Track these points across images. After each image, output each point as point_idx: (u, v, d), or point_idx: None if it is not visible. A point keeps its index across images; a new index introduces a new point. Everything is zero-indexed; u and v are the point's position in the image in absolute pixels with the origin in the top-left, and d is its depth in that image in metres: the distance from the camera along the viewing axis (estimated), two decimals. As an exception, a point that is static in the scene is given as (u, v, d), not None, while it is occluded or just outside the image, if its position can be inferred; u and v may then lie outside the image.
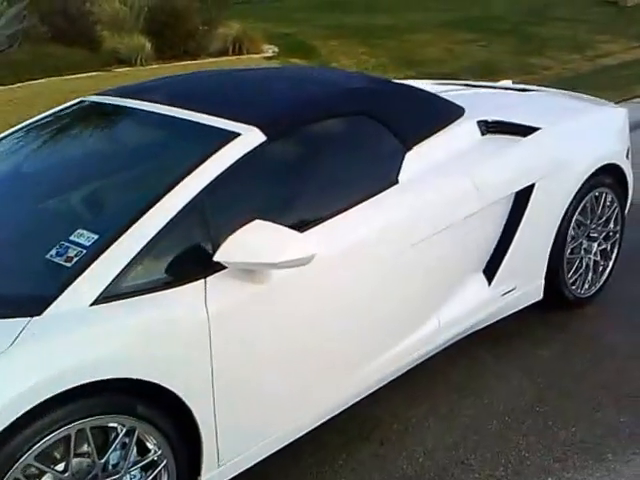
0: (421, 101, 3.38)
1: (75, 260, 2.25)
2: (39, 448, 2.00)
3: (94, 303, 2.16)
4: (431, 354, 3.19)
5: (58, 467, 2.09)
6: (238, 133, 2.71)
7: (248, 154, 2.65)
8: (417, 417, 3.08)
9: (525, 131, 3.48)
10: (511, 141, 3.43)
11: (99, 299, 2.17)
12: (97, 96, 3.30)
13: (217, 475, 2.45)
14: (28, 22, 10.50)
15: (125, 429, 2.17)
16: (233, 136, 2.69)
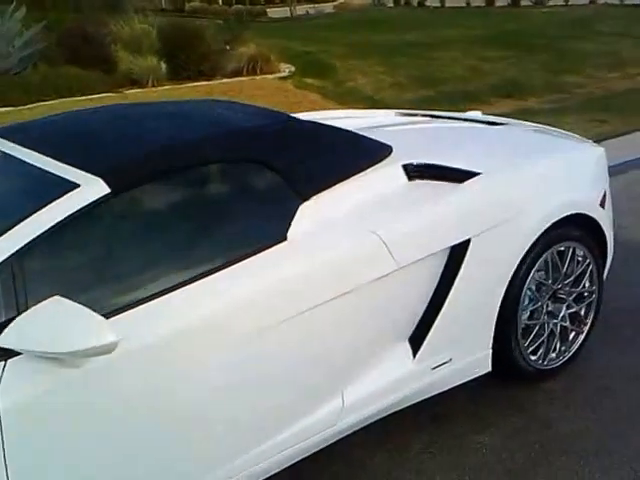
0: (331, 142, 2.84)
1: None
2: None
3: None
4: (336, 439, 2.63)
5: None
6: (76, 184, 2.23)
7: (82, 210, 2.18)
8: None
9: (462, 176, 2.90)
10: (444, 188, 2.86)
11: None
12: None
13: None
14: (44, 44, 10.33)
15: None
16: (70, 187, 2.23)
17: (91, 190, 2.22)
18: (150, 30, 11.13)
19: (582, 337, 3.37)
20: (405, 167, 2.89)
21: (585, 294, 3.34)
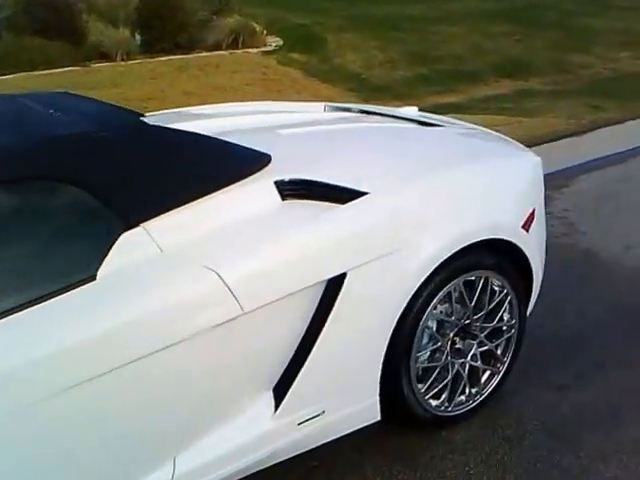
0: (183, 155, 2.35)
1: None
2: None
3: None
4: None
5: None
6: None
7: None
8: None
9: (345, 196, 2.44)
10: (321, 210, 2.40)
11: None
12: None
13: None
14: (10, 11, 9.88)
15: None
16: None
17: None
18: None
19: (499, 377, 2.92)
20: (279, 184, 2.43)
21: (504, 328, 2.88)
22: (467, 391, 2.83)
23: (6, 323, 1.87)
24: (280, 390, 2.37)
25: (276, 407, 2.35)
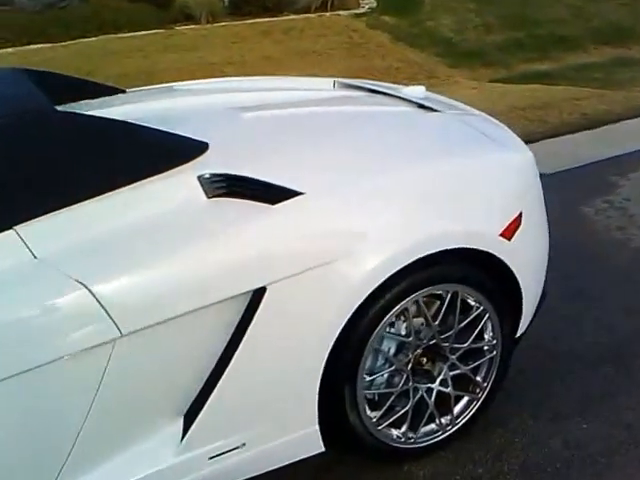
0: (79, 145, 2.06)
1: None
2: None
3: None
4: None
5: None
6: None
7: None
8: None
9: (277, 196, 2.11)
10: (249, 211, 2.09)
11: None
12: None
13: None
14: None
15: None
16: None
17: None
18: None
19: (477, 405, 2.53)
20: (204, 180, 2.14)
21: (485, 348, 2.49)
22: (437, 420, 2.47)
23: None
24: (190, 419, 2.10)
25: (182, 438, 2.09)
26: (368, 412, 2.34)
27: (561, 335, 3.07)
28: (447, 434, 2.50)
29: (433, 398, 2.44)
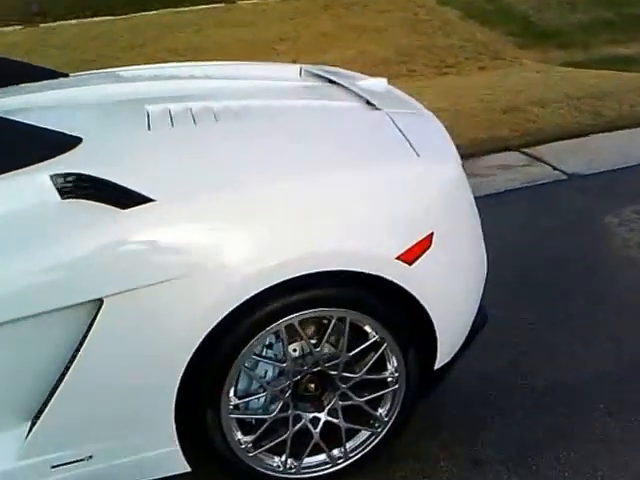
0: None
1: None
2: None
3: None
4: None
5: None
6: None
7: None
8: None
9: (129, 201, 1.92)
10: (99, 216, 1.90)
11: None
12: None
13: None
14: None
15: None
16: None
17: None
18: None
19: (376, 440, 2.29)
20: (57, 178, 1.97)
21: (388, 380, 2.23)
22: (327, 452, 2.24)
23: None
24: (34, 424, 1.98)
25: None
26: (239, 436, 2.14)
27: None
28: (338, 467, 2.27)
29: (319, 428, 2.21)
